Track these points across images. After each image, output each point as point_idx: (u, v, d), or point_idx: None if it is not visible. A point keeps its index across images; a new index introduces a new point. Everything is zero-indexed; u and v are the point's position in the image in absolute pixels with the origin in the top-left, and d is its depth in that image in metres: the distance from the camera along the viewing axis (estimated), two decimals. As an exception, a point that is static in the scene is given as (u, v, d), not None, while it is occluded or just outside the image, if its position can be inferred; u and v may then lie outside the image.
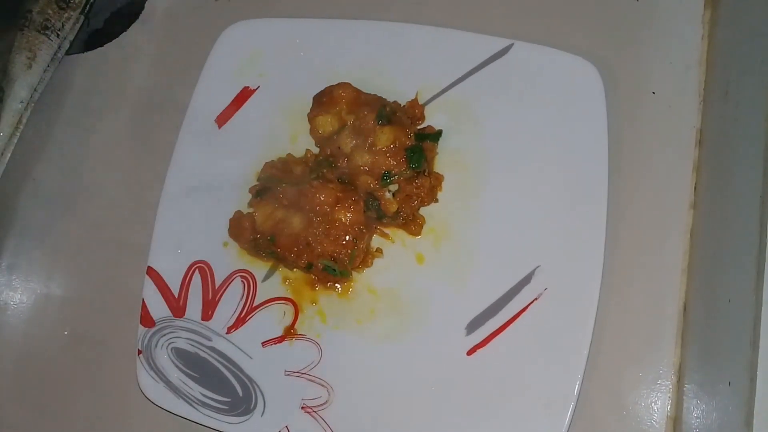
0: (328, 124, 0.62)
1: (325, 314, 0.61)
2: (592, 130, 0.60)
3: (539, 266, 0.58)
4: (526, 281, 0.58)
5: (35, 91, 0.73)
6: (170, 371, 0.61)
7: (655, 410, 0.57)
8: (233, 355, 0.61)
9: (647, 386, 0.58)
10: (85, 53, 0.77)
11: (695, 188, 0.61)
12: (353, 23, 0.67)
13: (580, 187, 0.59)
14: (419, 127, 0.64)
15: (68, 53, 0.76)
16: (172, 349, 0.62)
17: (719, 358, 0.52)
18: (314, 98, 0.64)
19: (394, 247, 0.62)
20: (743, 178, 0.52)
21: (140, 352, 0.62)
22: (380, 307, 0.61)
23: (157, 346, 0.62)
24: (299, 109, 0.65)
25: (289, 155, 0.65)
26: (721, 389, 0.49)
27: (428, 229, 0.62)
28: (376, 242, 0.63)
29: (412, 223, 0.62)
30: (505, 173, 0.61)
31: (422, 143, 0.62)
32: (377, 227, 0.63)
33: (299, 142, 0.66)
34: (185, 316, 0.63)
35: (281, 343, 0.61)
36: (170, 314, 0.63)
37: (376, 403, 0.58)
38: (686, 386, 0.56)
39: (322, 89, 0.63)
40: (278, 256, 0.61)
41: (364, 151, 0.61)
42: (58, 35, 0.75)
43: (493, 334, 0.58)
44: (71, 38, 0.76)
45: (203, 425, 0.60)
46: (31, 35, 0.74)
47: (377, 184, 0.61)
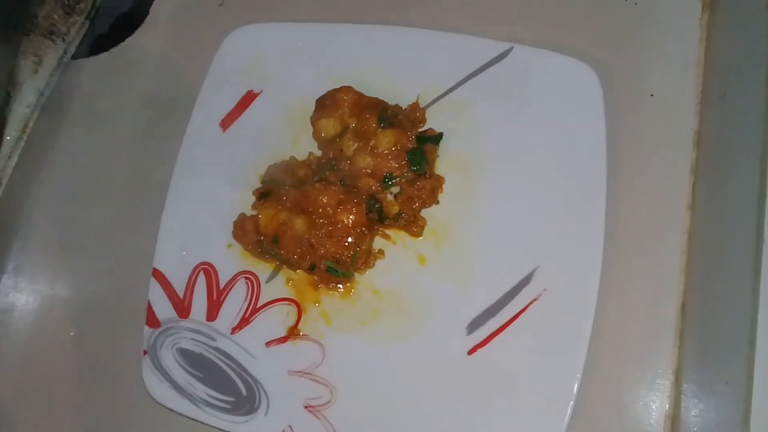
0: (330, 127, 0.63)
1: (329, 316, 0.62)
2: (590, 132, 0.60)
3: (539, 267, 0.59)
4: (525, 282, 0.59)
5: (41, 95, 0.74)
6: (175, 371, 0.62)
7: (653, 409, 0.58)
8: (237, 355, 0.62)
9: (646, 385, 0.58)
10: (90, 58, 0.78)
11: (693, 189, 0.61)
12: (355, 27, 0.68)
13: (579, 188, 0.60)
14: (420, 129, 0.65)
15: (74, 58, 0.77)
16: (177, 349, 0.63)
17: (717, 357, 0.52)
18: (317, 102, 0.64)
19: (396, 248, 0.63)
20: (741, 179, 0.53)
21: (146, 352, 0.63)
22: (384, 308, 0.61)
23: (162, 346, 0.63)
24: (302, 112, 0.65)
25: (292, 158, 0.66)
26: (719, 388, 0.50)
27: (429, 230, 0.62)
28: (378, 244, 0.63)
29: (413, 224, 0.62)
30: (504, 175, 0.62)
31: (423, 146, 0.62)
32: (379, 229, 0.63)
33: (302, 144, 0.66)
34: (190, 316, 0.64)
35: (285, 343, 0.62)
36: (175, 315, 0.64)
37: (378, 402, 0.59)
38: (684, 385, 0.57)
39: (324, 93, 0.64)
40: (281, 257, 0.62)
41: (366, 153, 0.62)
42: (63, 40, 0.75)
43: (493, 333, 0.58)
44: (77, 43, 0.77)
45: (208, 425, 0.61)
46: (37, 40, 0.75)
47: (379, 186, 0.62)
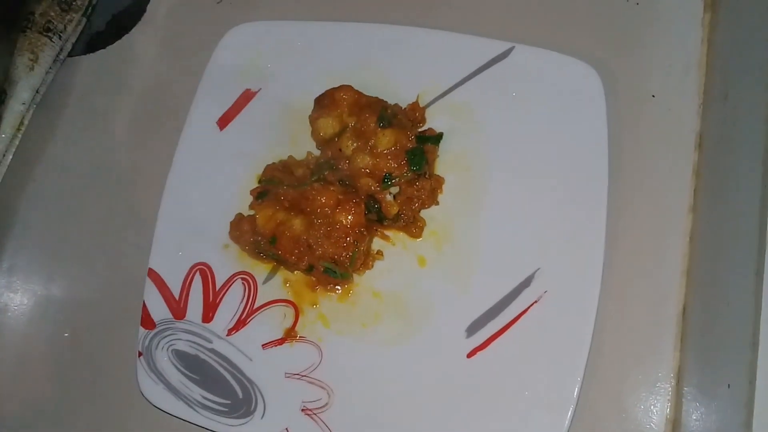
0: (329, 126, 0.63)
1: (328, 319, 0.61)
2: (592, 133, 0.60)
3: (539, 269, 0.58)
4: (526, 284, 0.58)
5: (37, 92, 0.73)
6: (170, 373, 0.61)
7: (654, 413, 0.57)
8: (233, 357, 0.61)
9: (647, 389, 0.58)
10: (87, 55, 0.77)
11: (695, 191, 0.61)
12: (355, 26, 0.68)
13: (580, 189, 0.59)
14: (420, 129, 0.64)
15: (70, 55, 0.76)
16: (172, 351, 0.62)
17: (719, 360, 0.52)
18: (316, 101, 0.64)
19: (395, 250, 0.62)
20: (743, 181, 0.52)
21: (141, 353, 0.62)
22: (384, 310, 0.61)
23: (157, 347, 0.62)
24: (300, 111, 0.65)
25: (290, 157, 0.65)
26: (720, 392, 0.49)
27: (429, 231, 0.62)
28: (377, 245, 0.63)
29: (413, 225, 0.62)
30: (505, 176, 0.62)
31: (423, 146, 0.62)
32: (378, 229, 0.63)
33: (300, 144, 0.66)
34: (186, 317, 0.63)
35: (281, 345, 0.61)
36: (171, 316, 0.63)
37: (376, 405, 0.58)
38: (685, 389, 0.56)
39: (323, 92, 0.64)
40: (279, 258, 0.61)
41: (365, 153, 0.61)
42: (60, 37, 0.75)
43: (493, 336, 0.58)
44: (73, 40, 0.76)
45: (203, 427, 0.60)
46: (33, 37, 0.74)
47: (378, 186, 0.61)
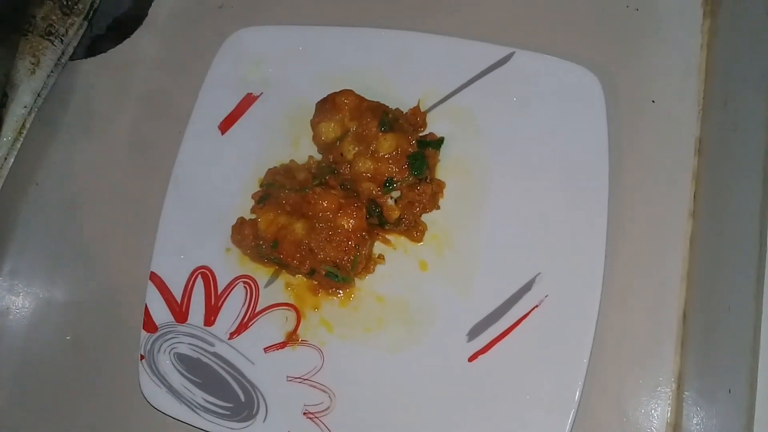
0: (330, 130, 0.63)
1: (331, 324, 0.61)
2: (592, 138, 0.60)
3: (540, 273, 0.59)
4: (527, 288, 0.59)
5: (38, 96, 0.73)
6: (173, 376, 0.62)
7: (655, 417, 0.57)
8: (235, 360, 0.62)
9: (647, 393, 0.58)
10: (88, 59, 0.77)
11: (695, 197, 0.61)
12: (356, 31, 0.68)
13: (580, 194, 0.60)
14: (421, 134, 0.64)
15: (72, 59, 0.76)
16: (174, 354, 0.62)
17: (719, 365, 0.52)
18: (317, 105, 0.64)
19: (397, 254, 0.63)
20: (743, 186, 0.53)
21: (143, 357, 0.62)
22: (388, 315, 0.61)
23: (159, 351, 0.62)
24: (302, 115, 0.65)
25: (291, 161, 0.66)
26: (721, 396, 0.49)
27: (431, 235, 0.62)
28: (378, 249, 0.63)
29: (414, 229, 0.62)
30: (506, 180, 0.62)
31: (424, 150, 0.62)
32: (379, 233, 0.63)
33: (302, 148, 0.66)
34: (188, 321, 0.63)
35: (283, 348, 0.61)
36: (173, 319, 0.63)
37: (377, 408, 0.59)
38: (686, 393, 0.57)
39: (325, 96, 0.64)
40: (281, 262, 0.61)
41: (366, 157, 0.61)
42: (61, 41, 0.75)
43: (494, 340, 0.58)
44: (75, 44, 0.76)
45: (206, 431, 0.60)
46: (35, 41, 0.74)
47: (379, 190, 0.61)
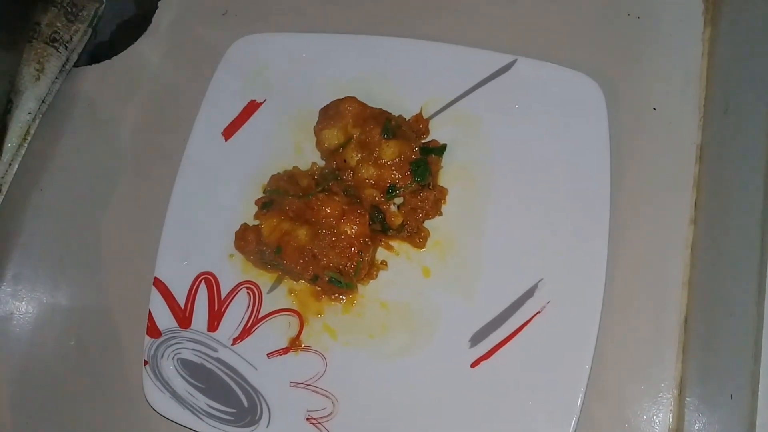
0: (334, 137, 0.63)
1: (334, 330, 0.62)
2: (594, 145, 0.61)
3: (542, 279, 0.59)
4: (529, 294, 0.59)
5: (43, 102, 0.74)
6: (176, 382, 0.62)
7: (656, 423, 0.58)
8: (239, 366, 0.62)
9: (649, 399, 0.58)
10: (92, 65, 0.77)
11: (696, 203, 0.62)
12: (359, 38, 0.68)
13: (582, 201, 0.60)
14: (424, 141, 0.65)
15: (76, 65, 0.77)
16: (178, 359, 0.62)
17: (721, 371, 0.52)
18: (320, 112, 0.64)
19: (400, 260, 0.63)
20: (743, 193, 0.53)
21: (146, 362, 0.62)
22: (392, 321, 0.61)
23: (163, 356, 0.62)
24: (305, 122, 0.66)
25: (295, 168, 0.66)
26: (722, 402, 0.50)
27: (434, 242, 0.62)
28: (381, 255, 0.63)
29: (416, 236, 0.62)
30: (508, 187, 0.62)
31: (427, 157, 0.62)
32: (382, 240, 0.63)
33: (305, 155, 0.66)
34: (191, 327, 0.63)
35: (286, 354, 0.62)
36: (176, 325, 0.63)
37: (380, 414, 0.59)
38: (688, 399, 0.57)
39: (328, 103, 0.64)
40: (284, 267, 0.61)
41: (369, 164, 0.62)
42: (66, 47, 0.75)
43: (497, 346, 0.58)
44: (79, 50, 0.77)
45: (209, 436, 0.60)
46: (39, 47, 0.74)
47: (382, 197, 0.62)
